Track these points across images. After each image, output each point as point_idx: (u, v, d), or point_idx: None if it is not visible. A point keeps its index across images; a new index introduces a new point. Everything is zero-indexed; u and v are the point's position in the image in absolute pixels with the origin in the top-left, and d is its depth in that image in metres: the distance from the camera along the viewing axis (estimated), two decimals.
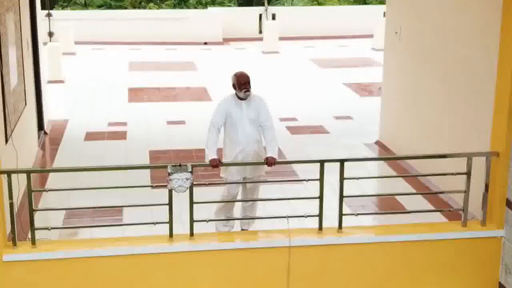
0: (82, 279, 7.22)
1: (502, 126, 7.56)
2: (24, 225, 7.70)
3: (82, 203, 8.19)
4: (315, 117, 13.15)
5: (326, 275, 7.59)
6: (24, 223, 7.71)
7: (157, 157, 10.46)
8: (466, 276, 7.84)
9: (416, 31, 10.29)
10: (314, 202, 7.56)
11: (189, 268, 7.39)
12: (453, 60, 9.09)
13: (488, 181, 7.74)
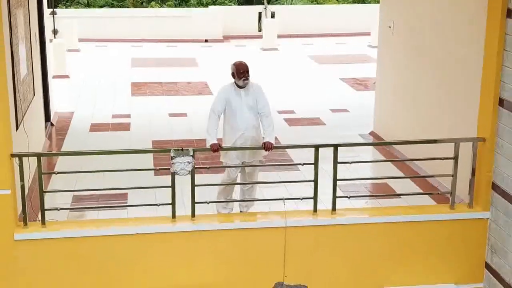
0: (89, 257, 7.63)
1: (487, 114, 7.99)
2: (34, 207, 8.13)
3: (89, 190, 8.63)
4: (312, 110, 13.57)
5: (320, 254, 8.01)
6: (34, 206, 8.14)
7: (160, 146, 10.86)
8: (454, 256, 8.25)
9: (409, 25, 10.71)
10: (309, 188, 8.00)
11: (191, 247, 7.80)
12: (444, 52, 9.51)
13: (475, 166, 8.16)
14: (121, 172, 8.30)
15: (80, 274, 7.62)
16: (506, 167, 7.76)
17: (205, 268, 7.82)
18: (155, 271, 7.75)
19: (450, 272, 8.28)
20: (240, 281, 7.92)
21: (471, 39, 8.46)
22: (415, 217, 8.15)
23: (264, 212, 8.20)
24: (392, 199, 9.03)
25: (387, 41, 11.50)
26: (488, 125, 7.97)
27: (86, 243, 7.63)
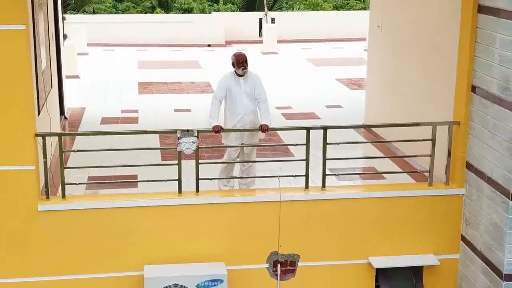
0: (104, 227, 8.53)
1: (462, 99, 8.90)
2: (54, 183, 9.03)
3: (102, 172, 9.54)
4: (308, 105, 14.45)
5: (311, 226, 8.89)
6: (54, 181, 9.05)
7: (166, 136, 11.72)
8: (433, 229, 9.12)
9: (395, 24, 11.65)
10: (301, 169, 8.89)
11: (195, 219, 8.69)
12: (425, 46, 10.41)
13: (451, 147, 9.06)
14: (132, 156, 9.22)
15: (95, 241, 8.51)
16: (478, 147, 8.66)
17: (207, 237, 8.71)
18: (163, 240, 8.63)
19: (430, 243, 9.16)
20: (239, 250, 8.80)
21: (448, 33, 9.36)
22: (397, 193, 9.05)
23: (261, 189, 9.10)
24: (377, 179, 9.91)
25: (376, 39, 12.44)
26: (462, 110, 8.88)
27: (101, 214, 8.53)
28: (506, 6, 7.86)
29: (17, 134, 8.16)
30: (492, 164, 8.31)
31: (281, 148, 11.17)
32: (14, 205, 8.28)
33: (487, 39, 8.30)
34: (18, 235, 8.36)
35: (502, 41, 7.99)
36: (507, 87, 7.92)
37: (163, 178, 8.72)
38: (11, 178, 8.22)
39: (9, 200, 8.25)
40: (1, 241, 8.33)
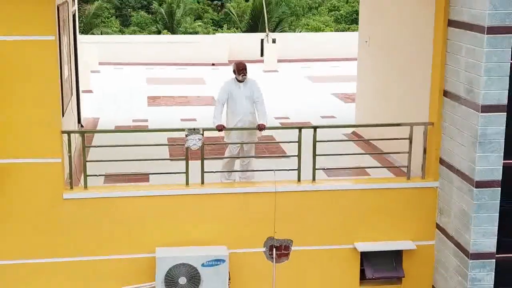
0: (120, 213, 9.72)
1: (435, 102, 10.12)
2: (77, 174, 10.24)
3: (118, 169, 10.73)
4: (305, 116, 15.63)
5: (303, 214, 10.07)
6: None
7: (174, 140, 12.91)
8: (411, 218, 10.29)
9: (380, 39, 12.91)
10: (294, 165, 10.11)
11: (200, 207, 9.88)
12: (405, 57, 11.62)
13: (426, 145, 10.27)
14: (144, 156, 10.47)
15: (112, 226, 9.70)
16: (449, 144, 9.86)
17: (211, 224, 9.89)
18: (172, 225, 9.81)
19: (408, 230, 10.32)
20: (239, 235, 9.97)
21: (423, 45, 10.57)
22: (379, 186, 10.24)
23: (258, 181, 10.30)
24: (362, 176, 11.10)
25: (364, 53, 13.71)
26: (436, 112, 10.10)
27: (118, 203, 9.73)
28: (470, 20, 9.11)
29: (45, 131, 9.37)
30: (460, 158, 9.51)
31: (277, 149, 12.38)
32: (42, 193, 9.48)
33: (455, 48, 9.55)
34: (45, 220, 9.55)
35: (467, 50, 9.23)
36: (471, 89, 9.14)
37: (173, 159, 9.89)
38: (40, 169, 9.42)
39: (38, 188, 9.45)
40: (29, 225, 9.51)
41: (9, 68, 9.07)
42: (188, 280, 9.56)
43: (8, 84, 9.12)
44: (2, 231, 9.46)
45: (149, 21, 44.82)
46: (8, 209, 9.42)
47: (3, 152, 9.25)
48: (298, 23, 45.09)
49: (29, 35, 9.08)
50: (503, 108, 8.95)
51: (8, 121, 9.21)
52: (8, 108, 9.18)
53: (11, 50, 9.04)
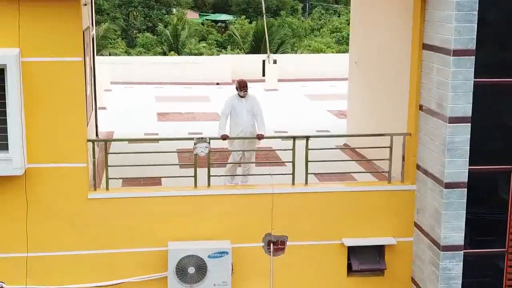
0: (137, 211, 11.15)
1: (412, 116, 11.58)
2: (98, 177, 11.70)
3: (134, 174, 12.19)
4: (302, 130, 17.00)
5: (297, 213, 11.48)
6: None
7: (182, 151, 14.36)
8: (392, 217, 11.69)
9: (367, 60, 14.42)
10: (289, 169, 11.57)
11: (207, 206, 11.30)
12: (387, 76, 13.10)
13: (404, 152, 11.72)
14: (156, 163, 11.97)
15: (130, 223, 11.13)
16: (424, 152, 11.31)
17: (216, 221, 11.31)
18: (182, 222, 11.24)
19: (390, 228, 11.72)
20: (240, 231, 11.37)
21: (402, 65, 12.04)
22: (364, 188, 11.69)
23: (258, 184, 11.75)
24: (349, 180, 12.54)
25: (354, 73, 15.24)
26: (413, 123, 11.56)
27: (136, 202, 11.17)
28: (439, 44, 10.59)
29: (73, 140, 10.83)
30: (433, 163, 10.95)
31: (274, 157, 13.85)
32: (70, 194, 10.92)
33: (428, 68, 11.03)
34: (72, 217, 10.99)
35: (437, 70, 10.71)
36: (441, 104, 10.60)
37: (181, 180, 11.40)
38: (68, 173, 10.88)
39: (66, 189, 10.90)
40: (59, 222, 10.95)
41: (43, 85, 10.55)
42: (196, 269, 10.98)
43: (42, 99, 10.58)
44: (37, 227, 10.88)
45: (155, 42, 46.48)
46: (41, 207, 10.86)
47: (37, 158, 10.71)
48: (300, 44, 46.69)
49: (60, 57, 10.57)
50: (468, 120, 10.40)
51: (42, 131, 10.67)
52: (41, 120, 10.64)
53: (45, 69, 10.52)
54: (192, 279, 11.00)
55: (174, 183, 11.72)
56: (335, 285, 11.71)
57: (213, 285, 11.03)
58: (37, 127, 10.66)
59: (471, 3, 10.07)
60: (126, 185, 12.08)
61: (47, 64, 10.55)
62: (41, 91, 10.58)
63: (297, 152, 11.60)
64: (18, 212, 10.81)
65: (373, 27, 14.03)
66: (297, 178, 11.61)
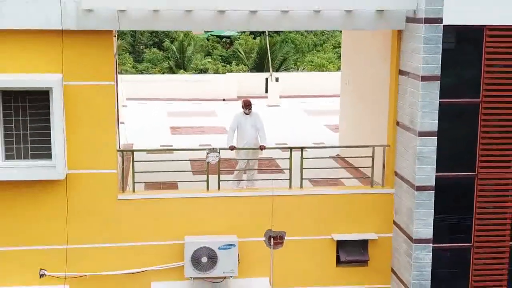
0: (159, 210, 13.25)
1: (391, 130, 13.70)
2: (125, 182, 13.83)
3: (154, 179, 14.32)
4: (300, 143, 19.14)
5: (293, 212, 13.58)
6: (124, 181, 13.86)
7: (194, 160, 16.49)
8: (374, 216, 13.77)
9: (356, 81, 16.59)
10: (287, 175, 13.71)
11: (217, 206, 13.41)
12: (372, 97, 15.22)
13: (384, 161, 13.83)
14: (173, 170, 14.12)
15: (153, 219, 13.23)
16: (400, 161, 13.42)
17: (225, 218, 13.40)
18: (196, 220, 13.33)
19: (372, 225, 13.81)
20: (245, 227, 13.45)
21: (383, 88, 14.18)
22: (350, 191, 13.81)
23: (260, 187, 13.88)
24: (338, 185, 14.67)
25: (345, 92, 17.41)
26: (391, 136, 13.68)
27: (157, 202, 13.29)
28: (411, 71, 12.74)
29: (105, 150, 12.95)
30: (406, 170, 13.07)
31: (274, 165, 15.99)
32: (102, 195, 13.03)
33: (403, 91, 13.17)
34: (104, 215, 13.09)
35: (410, 92, 12.84)
36: (412, 120, 12.73)
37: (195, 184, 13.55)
38: (101, 177, 13.00)
39: (99, 191, 13.01)
40: (93, 218, 13.05)
41: (81, 104, 12.68)
42: (208, 259, 13.07)
43: (80, 116, 12.71)
44: (75, 223, 12.99)
45: (161, 57, 48.33)
46: (78, 206, 12.97)
47: (76, 165, 12.83)
48: (303, 59, 48.60)
49: (96, 81, 12.72)
50: (434, 134, 12.52)
51: (80, 143, 12.78)
52: (79, 133, 12.77)
53: (83, 91, 12.65)
54: (205, 267, 13.09)
55: (188, 186, 13.84)
56: (325, 273, 13.81)
57: (223, 272, 13.12)
58: (76, 139, 12.78)
59: (436, 37, 12.22)
60: (148, 189, 14.21)
61: (85, 87, 12.70)
62: (79, 110, 12.71)
63: (294, 161, 13.71)
64: (60, 210, 12.93)
65: (360, 54, 16.18)
66: (294, 183, 13.72)
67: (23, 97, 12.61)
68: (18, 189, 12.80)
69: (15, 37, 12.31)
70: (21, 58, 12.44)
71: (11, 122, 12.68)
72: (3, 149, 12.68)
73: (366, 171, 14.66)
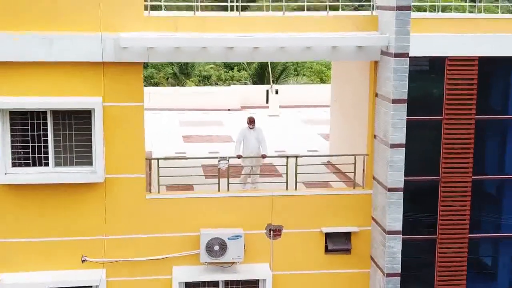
0: (180, 207, 16.17)
1: (370, 142, 16.62)
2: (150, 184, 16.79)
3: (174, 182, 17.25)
4: (296, 150, 22.11)
5: (289, 209, 16.47)
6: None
7: (206, 166, 19.40)
8: (356, 212, 16.66)
9: (342, 101, 19.55)
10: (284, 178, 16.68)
11: (227, 204, 16.30)
12: (355, 114, 18.14)
13: (364, 167, 16.78)
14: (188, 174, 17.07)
15: (175, 215, 16.12)
16: (377, 166, 16.34)
17: (233, 215, 16.30)
18: (209, 215, 16.23)
19: (355, 220, 16.70)
20: (250, 222, 16.31)
21: (364, 107, 17.13)
22: (336, 192, 16.73)
23: (262, 189, 16.85)
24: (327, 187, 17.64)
25: (334, 108, 20.38)
26: (370, 147, 16.62)
27: (178, 201, 16.20)
28: (384, 94, 15.68)
29: (135, 158, 15.88)
30: (381, 174, 16.01)
31: (274, 170, 18.94)
32: (133, 195, 15.95)
33: (378, 110, 16.12)
34: (135, 211, 16.01)
35: (383, 112, 15.79)
36: (385, 135, 15.68)
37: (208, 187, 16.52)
38: (132, 180, 15.91)
39: (131, 192, 15.93)
40: (125, 214, 15.97)
41: (117, 121, 15.58)
42: (220, 247, 15.98)
43: (116, 131, 15.64)
44: (111, 218, 15.90)
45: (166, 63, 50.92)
46: (113, 204, 15.90)
47: (112, 170, 15.74)
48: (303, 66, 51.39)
49: (128, 102, 15.66)
50: (403, 146, 15.44)
51: (115, 152, 15.70)
52: (115, 144, 15.67)
53: (118, 110, 15.59)
54: (217, 254, 15.99)
55: (202, 188, 16.81)
56: (316, 260, 16.71)
57: (231, 258, 16.03)
58: (112, 150, 15.69)
59: (403, 68, 15.15)
60: (169, 190, 17.16)
61: (120, 107, 15.63)
62: (115, 125, 15.62)
63: (290, 167, 16.65)
64: (99, 207, 15.85)
65: (346, 78, 19.09)
66: (290, 185, 16.66)
67: (70, 115, 15.55)
68: (65, 190, 15.73)
69: (64, 67, 15.21)
70: (69, 84, 15.34)
71: (60, 136, 15.61)
72: (54, 157, 15.63)
73: (350, 175, 17.56)
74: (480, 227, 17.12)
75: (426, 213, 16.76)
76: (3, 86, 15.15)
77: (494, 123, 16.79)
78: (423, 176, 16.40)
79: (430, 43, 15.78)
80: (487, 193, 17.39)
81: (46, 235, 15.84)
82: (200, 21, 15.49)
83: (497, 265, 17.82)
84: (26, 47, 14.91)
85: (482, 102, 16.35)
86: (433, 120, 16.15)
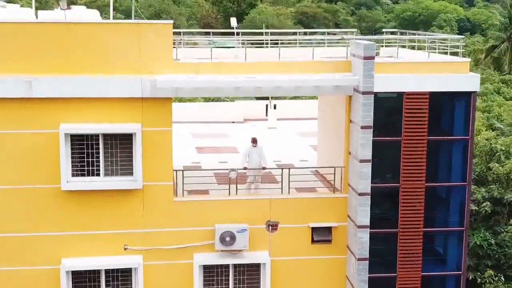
0: (199, 208, 21.06)
1: (346, 157, 21.49)
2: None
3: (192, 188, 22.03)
4: (289, 160, 26.91)
5: (284, 209, 21.29)
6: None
7: (218, 173, 24.18)
8: (335, 211, 21.49)
9: (326, 124, 24.39)
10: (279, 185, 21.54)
11: (235, 206, 21.14)
12: (336, 135, 23.00)
13: (342, 176, 21.62)
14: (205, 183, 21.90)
15: (195, 214, 20.97)
16: (351, 176, 21.18)
17: (240, 213, 21.12)
18: (222, 214, 21.05)
19: (334, 217, 21.54)
20: (253, 218, 21.12)
21: (341, 130, 21.97)
22: (320, 195, 21.60)
23: (263, 193, 21.72)
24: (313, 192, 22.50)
25: (320, 128, 25.25)
26: (346, 161, 21.47)
27: (198, 202, 21.07)
28: (356, 121, 20.53)
29: (165, 168, 20.71)
30: (354, 182, 20.83)
31: (272, 178, 23.78)
32: (164, 198, 20.76)
33: (352, 133, 20.97)
34: (165, 211, 20.82)
35: (355, 134, 20.62)
36: (357, 152, 20.51)
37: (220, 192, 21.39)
38: (163, 187, 20.72)
39: (162, 195, 20.75)
40: (158, 213, 20.78)
41: (152, 142, 20.39)
42: (230, 238, 20.76)
43: (153, 149, 20.41)
44: (147, 216, 20.71)
45: None
46: (149, 205, 20.67)
47: (148, 178, 20.54)
48: None
49: (160, 127, 20.49)
50: (369, 161, 20.31)
51: (151, 165, 20.48)
52: (150, 159, 20.45)
53: (154, 133, 20.34)
54: (228, 244, 20.78)
55: (216, 192, 21.68)
56: (305, 248, 21.49)
57: (239, 247, 20.85)
58: (148, 163, 20.49)
59: (370, 102, 19.99)
60: (190, 194, 22.00)
61: (154, 131, 20.44)
62: (151, 145, 20.44)
63: (284, 176, 21.50)
64: (138, 208, 20.67)
65: (329, 106, 23.88)
66: (284, 190, 21.52)
67: (116, 137, 20.39)
68: (111, 195, 20.55)
69: (111, 101, 20.08)
70: (116, 114, 20.18)
71: (108, 153, 20.44)
72: (103, 169, 20.48)
73: (332, 182, 22.41)
74: (433, 223, 21.95)
75: (390, 212, 21.60)
76: (66, 115, 19.98)
77: (442, 142, 21.64)
78: (386, 183, 21.26)
79: (392, 81, 20.62)
80: (438, 196, 22.23)
81: (97, 228, 20.66)
82: (215, 66, 20.37)
83: (447, 253, 22.72)
84: (83, 86, 19.75)
85: (433, 126, 21.19)
86: (394, 140, 20.99)
